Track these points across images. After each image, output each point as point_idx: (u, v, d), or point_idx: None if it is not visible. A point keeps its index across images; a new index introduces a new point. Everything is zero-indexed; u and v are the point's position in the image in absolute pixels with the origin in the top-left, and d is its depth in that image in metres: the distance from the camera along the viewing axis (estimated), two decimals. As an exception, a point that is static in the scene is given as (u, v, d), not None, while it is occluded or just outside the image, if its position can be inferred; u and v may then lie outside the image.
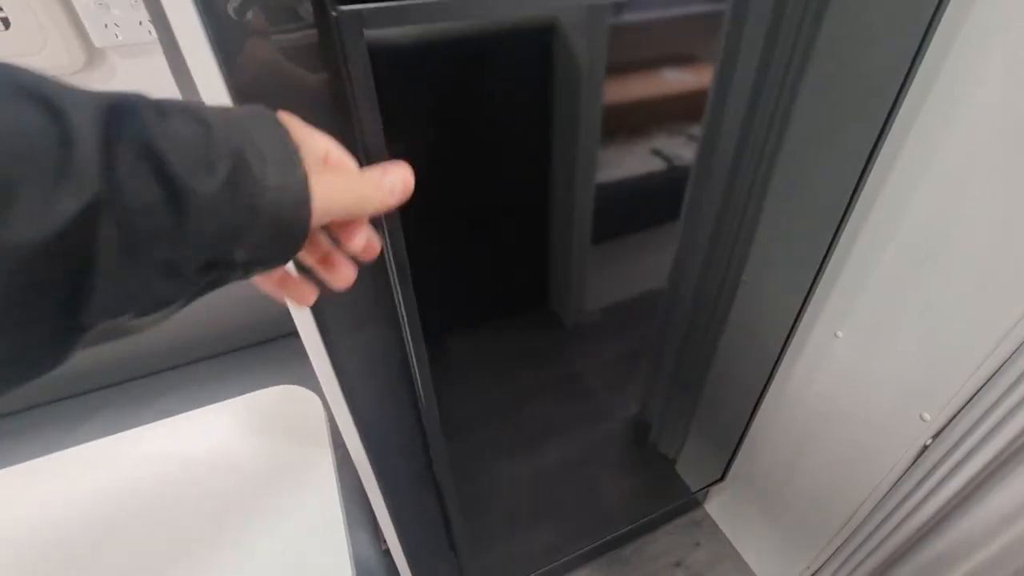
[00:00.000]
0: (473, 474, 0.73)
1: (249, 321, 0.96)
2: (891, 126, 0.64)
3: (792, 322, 0.85)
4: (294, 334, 1.08)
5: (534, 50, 0.41)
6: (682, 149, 0.54)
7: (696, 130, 0.53)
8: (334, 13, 0.27)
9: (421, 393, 0.54)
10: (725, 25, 0.46)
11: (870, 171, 0.68)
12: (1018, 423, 0.61)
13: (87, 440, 0.85)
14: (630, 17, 0.42)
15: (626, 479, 1.00)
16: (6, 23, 0.70)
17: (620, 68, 0.44)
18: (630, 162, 0.52)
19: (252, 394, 0.63)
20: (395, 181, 0.28)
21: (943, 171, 0.63)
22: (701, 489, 1.15)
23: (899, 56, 0.59)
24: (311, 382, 0.87)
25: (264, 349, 0.99)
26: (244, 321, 0.96)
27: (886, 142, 0.66)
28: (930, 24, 0.56)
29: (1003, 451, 0.64)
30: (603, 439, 0.86)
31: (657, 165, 0.54)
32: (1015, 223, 0.57)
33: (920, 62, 0.59)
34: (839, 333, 0.81)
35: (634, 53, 0.45)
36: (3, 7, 0.69)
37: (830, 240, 0.75)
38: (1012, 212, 0.58)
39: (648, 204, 0.58)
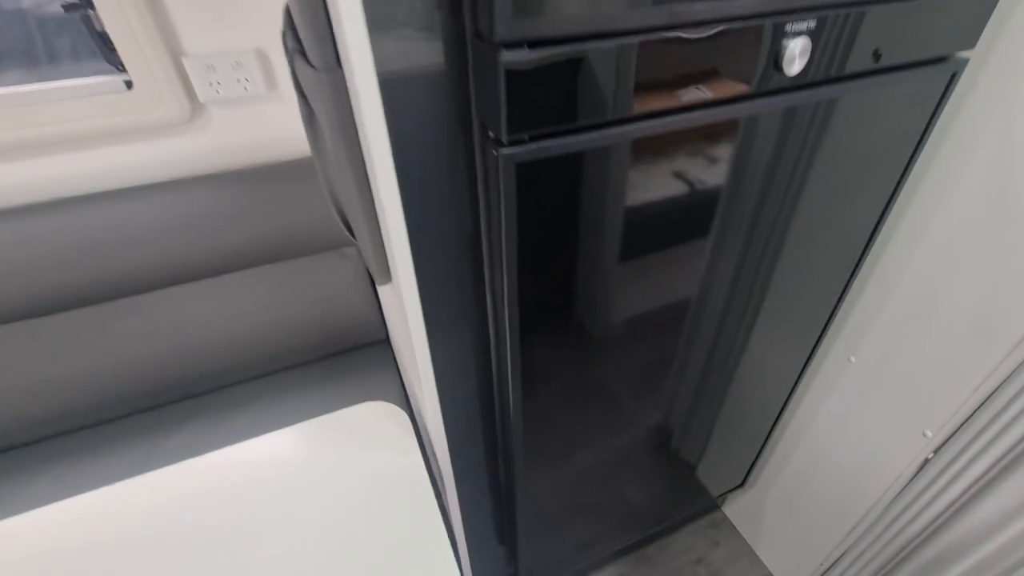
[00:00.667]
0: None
1: (315, 338, 1.06)
2: (910, 173, 0.69)
3: (811, 348, 0.90)
4: (360, 347, 1.16)
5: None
6: (703, 172, 0.55)
7: (715, 151, 0.53)
8: (495, 152, 0.37)
9: (511, 398, 0.59)
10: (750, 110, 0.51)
11: (890, 211, 0.73)
12: (1010, 439, 0.68)
13: (181, 449, 0.92)
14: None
15: (652, 483, 1.04)
16: (129, 84, 0.80)
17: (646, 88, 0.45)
18: (654, 184, 0.53)
19: (344, 410, 0.72)
20: None
21: (953, 213, 0.68)
22: (722, 495, 1.20)
23: (920, 110, 0.63)
24: (380, 393, 0.96)
25: (333, 362, 1.08)
26: (309, 339, 1.06)
27: (904, 185, 0.71)
28: (946, 89, 0.62)
29: (996, 463, 0.70)
30: (629, 446, 0.90)
31: (680, 188, 0.56)
32: (1010, 265, 0.64)
33: (939, 114, 0.64)
34: (852, 358, 0.87)
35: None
36: (128, 71, 0.79)
37: (850, 273, 0.80)
38: (1006, 254, 0.64)
39: (672, 224, 0.59)
